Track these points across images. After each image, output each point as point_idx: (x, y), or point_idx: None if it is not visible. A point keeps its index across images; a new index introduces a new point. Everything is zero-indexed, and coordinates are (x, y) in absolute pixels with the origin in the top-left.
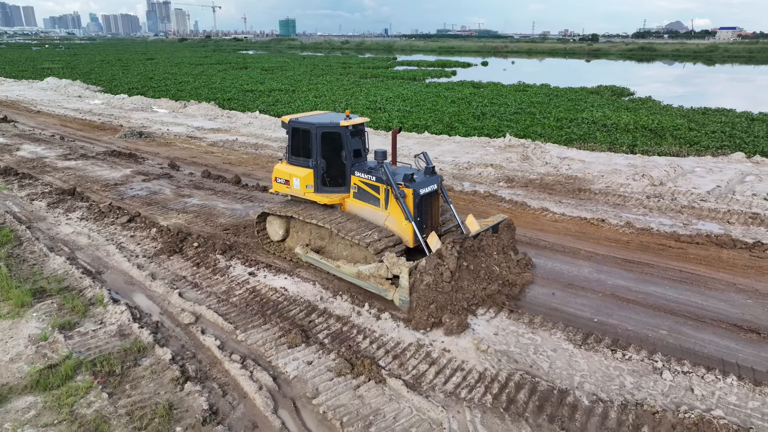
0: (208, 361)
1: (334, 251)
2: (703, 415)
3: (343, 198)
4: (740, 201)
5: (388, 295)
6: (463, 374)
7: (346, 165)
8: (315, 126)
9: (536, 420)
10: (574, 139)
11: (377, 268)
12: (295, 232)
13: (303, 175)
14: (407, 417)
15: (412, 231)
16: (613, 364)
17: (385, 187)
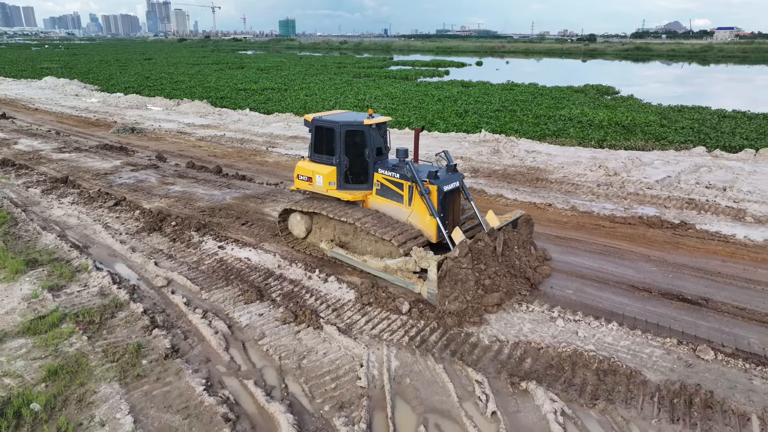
0: (175, 314)
1: (359, 246)
2: (577, 349)
3: (365, 195)
4: (683, 189)
5: (416, 288)
6: (389, 323)
7: (369, 162)
8: (339, 124)
9: (441, 354)
10: (548, 134)
11: (405, 262)
12: (318, 228)
13: (326, 172)
14: (335, 353)
15: (435, 226)
16: (517, 315)
17: (409, 183)
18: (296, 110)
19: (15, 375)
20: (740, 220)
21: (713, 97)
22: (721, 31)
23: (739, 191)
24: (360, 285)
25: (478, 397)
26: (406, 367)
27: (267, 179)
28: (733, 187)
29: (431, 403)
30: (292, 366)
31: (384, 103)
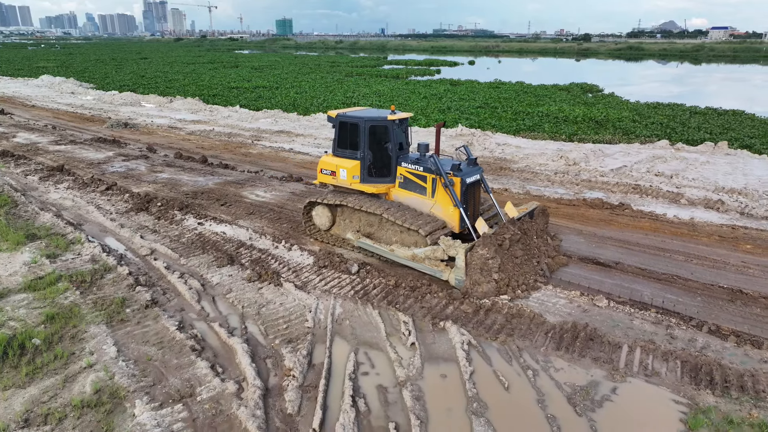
0: (156, 276)
1: (383, 237)
2: (496, 301)
3: (388, 188)
4: (633, 176)
5: (443, 275)
6: (340, 281)
7: (392, 156)
8: (364, 120)
9: (380, 303)
10: (523, 129)
11: (433, 251)
12: (342, 220)
13: (350, 166)
14: (290, 303)
15: (458, 217)
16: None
17: (433, 176)
18: (285, 107)
19: (18, 319)
20: (676, 202)
21: (692, 95)
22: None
23: (684, 178)
24: (318, 252)
25: (403, 333)
26: (347, 312)
27: (248, 168)
28: (680, 175)
29: (364, 338)
30: (253, 313)
31: (371, 100)
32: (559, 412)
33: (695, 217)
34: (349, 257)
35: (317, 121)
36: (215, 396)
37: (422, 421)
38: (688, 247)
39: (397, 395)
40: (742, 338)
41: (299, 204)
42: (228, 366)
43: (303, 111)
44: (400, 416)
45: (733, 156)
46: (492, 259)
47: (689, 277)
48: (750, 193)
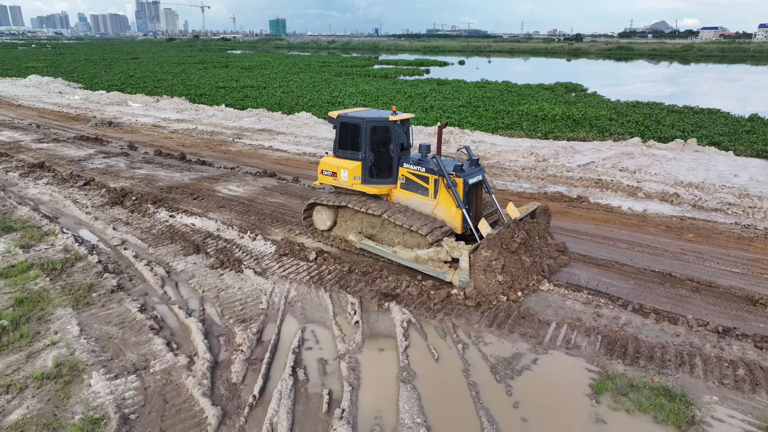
0: (125, 264)
1: (385, 238)
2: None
3: (390, 189)
4: (598, 172)
5: (447, 276)
6: (297, 268)
7: (394, 157)
8: (365, 121)
9: (332, 287)
10: (501, 127)
11: (437, 253)
12: (343, 221)
13: (351, 167)
14: (248, 288)
15: (461, 218)
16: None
17: (435, 177)
18: (270, 106)
19: None
20: (633, 195)
21: (673, 94)
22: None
23: (647, 174)
24: (280, 241)
25: (349, 313)
26: (300, 295)
27: (225, 164)
28: (643, 171)
29: (312, 317)
30: (212, 296)
31: (356, 100)
32: (481, 379)
33: (648, 209)
34: (309, 246)
35: (300, 120)
36: (167, 368)
37: (354, 387)
38: (633, 236)
39: (336, 367)
40: (661, 315)
41: (269, 198)
42: (183, 343)
43: (288, 110)
44: (335, 384)
45: (700, 153)
46: (496, 261)
47: (627, 263)
48: (707, 187)
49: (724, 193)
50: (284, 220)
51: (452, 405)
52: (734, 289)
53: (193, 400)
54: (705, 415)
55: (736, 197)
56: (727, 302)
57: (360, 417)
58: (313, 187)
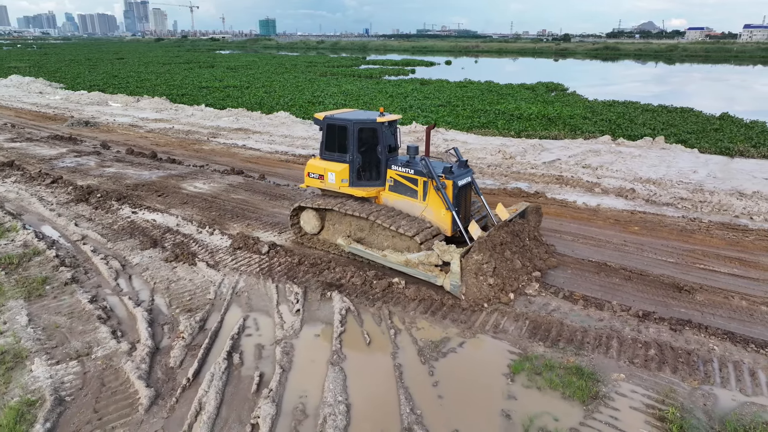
0: (83, 258)
1: (374, 242)
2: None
3: (378, 191)
4: (561, 168)
5: (438, 280)
6: (249, 260)
7: (382, 159)
8: (353, 122)
9: (280, 278)
10: (477, 126)
11: (427, 256)
12: (331, 224)
13: (339, 169)
14: (199, 280)
15: (450, 220)
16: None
17: (424, 179)
18: (250, 106)
19: None
20: (591, 191)
21: (651, 93)
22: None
23: (609, 170)
24: (236, 235)
25: (292, 302)
26: (248, 286)
27: (195, 162)
28: (606, 167)
29: (256, 306)
30: (162, 288)
31: (337, 99)
32: (407, 361)
33: (602, 203)
34: (263, 240)
35: (278, 119)
36: (109, 354)
37: (285, 370)
38: (580, 229)
39: (271, 351)
40: (589, 302)
41: (233, 194)
42: (128, 331)
43: (267, 110)
44: (268, 367)
45: (666, 150)
46: (487, 264)
47: (567, 254)
48: (664, 182)
49: (679, 188)
50: (244, 216)
51: (376, 384)
52: (663, 277)
53: (129, 383)
54: (610, 391)
55: (689, 192)
56: (654, 289)
57: (286, 396)
58: (303, 190)
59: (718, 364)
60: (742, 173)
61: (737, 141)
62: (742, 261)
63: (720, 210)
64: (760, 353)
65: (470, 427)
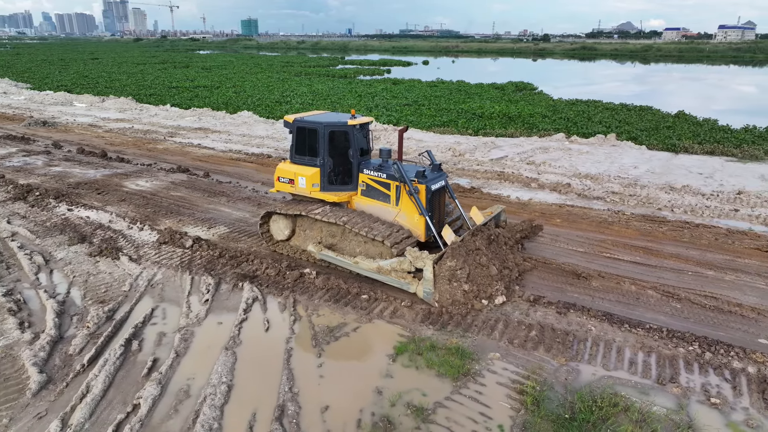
0: (8, 254)
1: (346, 248)
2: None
3: (350, 196)
4: (506, 165)
5: (411, 288)
6: (172, 254)
7: (354, 163)
8: (323, 125)
9: (198, 270)
10: (438, 124)
11: (399, 263)
12: (302, 230)
13: (309, 173)
14: (118, 273)
15: (424, 225)
16: None
17: (397, 183)
18: (216, 105)
19: None
20: (527, 186)
21: (616, 92)
22: (669, 31)
23: (551, 166)
24: (164, 230)
25: (203, 292)
26: (165, 279)
27: (144, 161)
28: (549, 164)
29: (168, 297)
30: (80, 281)
31: (305, 99)
32: (299, 345)
33: (534, 198)
34: (191, 234)
35: (240, 119)
36: (10, 344)
37: (179, 355)
38: None
39: (171, 338)
40: None
41: (172, 192)
42: (37, 322)
43: (233, 109)
44: (164, 353)
45: (616, 147)
46: (461, 270)
47: None
48: (602, 178)
49: (614, 183)
50: (178, 212)
51: (263, 367)
52: (566, 265)
53: (24, 369)
54: (482, 369)
55: (622, 187)
56: (555, 276)
57: (175, 379)
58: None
59: (590, 343)
60: (680, 168)
61: (685, 138)
62: (647, 249)
63: (645, 203)
64: (632, 332)
65: (341, 402)
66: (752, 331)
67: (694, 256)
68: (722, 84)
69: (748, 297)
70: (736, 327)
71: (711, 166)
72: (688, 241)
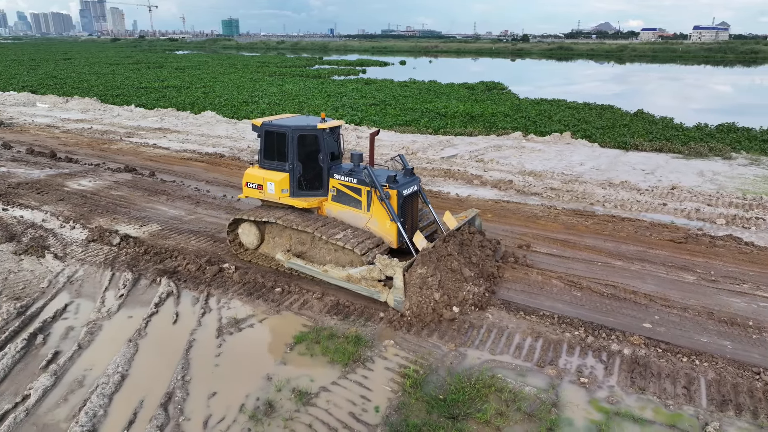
0: None
1: (317, 256)
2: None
3: (320, 201)
4: (456, 162)
5: (381, 296)
6: (98, 252)
7: (324, 168)
8: (291, 129)
9: (120, 266)
10: (400, 124)
11: (369, 271)
12: (271, 238)
13: (278, 179)
14: (40, 270)
15: (396, 232)
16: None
17: (368, 189)
18: (182, 106)
19: None
20: (470, 183)
21: (583, 92)
22: (645, 32)
23: (499, 164)
24: (94, 228)
25: (119, 287)
26: (86, 275)
27: (93, 161)
28: (497, 161)
29: (85, 293)
30: (1, 279)
31: (272, 99)
32: (202, 336)
33: (473, 194)
34: (122, 232)
35: (203, 119)
36: None
37: (81, 347)
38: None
39: (78, 332)
40: None
41: (113, 191)
42: None
43: (199, 109)
44: (67, 346)
45: (570, 145)
46: (432, 277)
47: None
48: (545, 174)
49: (555, 180)
50: (114, 211)
51: (162, 357)
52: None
53: None
54: (374, 355)
55: (563, 183)
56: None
57: (71, 370)
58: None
59: (484, 330)
60: (625, 165)
61: (637, 136)
62: (565, 242)
63: (580, 198)
64: (525, 319)
65: (230, 389)
66: (639, 316)
67: (609, 247)
68: (689, 84)
69: (647, 285)
70: (626, 313)
71: (655, 162)
72: (608, 233)
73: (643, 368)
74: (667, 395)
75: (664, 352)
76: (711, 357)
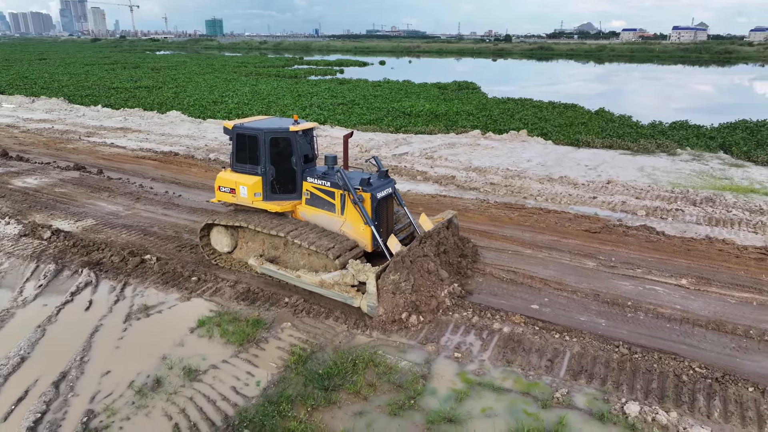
0: None
1: (290, 260)
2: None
3: (294, 205)
4: (406, 159)
5: (354, 302)
6: (28, 245)
7: (297, 171)
8: (263, 131)
9: (47, 259)
10: (363, 122)
11: (342, 276)
12: (244, 242)
13: (251, 182)
14: None
15: (370, 235)
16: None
17: (341, 192)
18: (149, 106)
19: None
20: (414, 179)
21: (553, 91)
22: (626, 32)
23: (447, 160)
24: (27, 224)
25: (40, 278)
26: (11, 267)
27: (45, 160)
28: (446, 158)
29: (6, 284)
30: None
31: (242, 99)
32: (110, 321)
33: (413, 189)
34: (55, 226)
35: (168, 118)
36: None
37: None
38: None
39: None
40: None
41: (57, 189)
42: None
43: (166, 109)
44: None
45: (524, 142)
46: (405, 282)
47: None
48: (489, 170)
49: (497, 175)
50: (53, 207)
51: (67, 341)
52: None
53: None
54: (269, 336)
55: (503, 178)
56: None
57: None
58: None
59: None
60: (572, 161)
61: (592, 134)
62: (484, 233)
63: (515, 192)
64: None
65: (124, 368)
66: (530, 298)
67: (525, 237)
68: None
69: (547, 271)
70: (518, 296)
71: (601, 158)
72: (529, 225)
73: (516, 344)
74: (531, 367)
75: (540, 330)
76: (580, 333)
